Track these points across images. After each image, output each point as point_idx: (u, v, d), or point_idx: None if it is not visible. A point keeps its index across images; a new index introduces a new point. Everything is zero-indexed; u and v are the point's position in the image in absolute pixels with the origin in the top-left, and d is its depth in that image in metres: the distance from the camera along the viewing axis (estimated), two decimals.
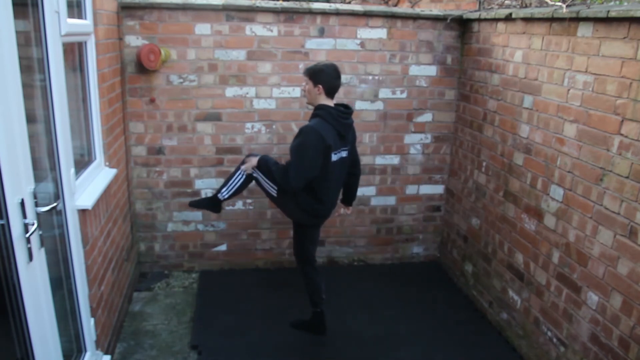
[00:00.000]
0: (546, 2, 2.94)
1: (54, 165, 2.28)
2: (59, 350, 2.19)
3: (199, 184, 3.88)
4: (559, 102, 2.81)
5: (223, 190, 3.09)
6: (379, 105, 3.95)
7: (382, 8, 3.84)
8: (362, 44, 3.78)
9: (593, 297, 2.55)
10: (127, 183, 3.61)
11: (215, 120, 3.76)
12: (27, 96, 1.88)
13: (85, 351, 2.63)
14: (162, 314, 3.47)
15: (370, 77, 3.86)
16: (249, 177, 3.07)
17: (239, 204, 3.98)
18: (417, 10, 3.84)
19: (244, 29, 3.60)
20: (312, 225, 3.18)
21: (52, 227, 2.28)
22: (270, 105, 3.79)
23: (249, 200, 3.98)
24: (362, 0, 5.13)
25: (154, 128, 3.71)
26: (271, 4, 3.60)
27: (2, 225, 1.73)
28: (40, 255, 1.97)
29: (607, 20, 2.42)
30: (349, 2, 4.84)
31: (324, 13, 3.66)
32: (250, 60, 3.68)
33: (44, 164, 2.23)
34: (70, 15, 2.43)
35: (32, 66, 2.12)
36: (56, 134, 2.24)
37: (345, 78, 3.72)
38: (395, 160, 4.11)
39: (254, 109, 3.79)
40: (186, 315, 3.48)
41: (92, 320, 2.64)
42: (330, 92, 2.92)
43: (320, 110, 2.90)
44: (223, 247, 4.08)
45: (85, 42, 2.76)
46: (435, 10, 3.97)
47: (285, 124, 3.85)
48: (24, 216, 1.80)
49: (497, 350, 3.24)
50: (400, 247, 4.36)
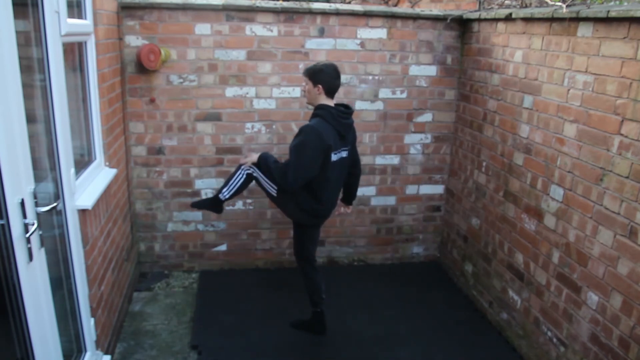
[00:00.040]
0: (546, 2, 2.94)
1: (54, 165, 2.28)
2: (59, 350, 2.19)
3: (199, 184, 3.88)
4: (559, 102, 2.81)
5: (224, 190, 3.10)
6: (379, 105, 3.95)
7: (382, 8, 3.84)
8: (362, 44, 3.78)
9: (593, 297, 2.55)
10: (127, 183, 3.61)
11: (215, 120, 3.76)
12: (27, 96, 1.87)
13: (85, 351, 2.63)
14: (162, 314, 3.47)
15: (370, 77, 3.86)
16: (249, 177, 3.06)
17: (239, 204, 3.98)
18: (417, 10, 3.84)
19: (244, 29, 3.61)
20: (312, 225, 3.18)
21: (52, 227, 2.28)
22: (270, 105, 3.79)
23: (249, 200, 3.98)
24: (362, 0, 5.13)
25: (154, 128, 3.71)
26: (271, 4, 3.60)
27: (2, 225, 1.73)
28: (40, 255, 1.97)
29: (607, 20, 2.42)
30: (349, 2, 4.84)
31: (324, 13, 3.66)
32: (250, 60, 3.68)
33: (44, 164, 2.23)
34: (70, 15, 2.43)
35: (32, 66, 2.12)
36: (56, 134, 2.24)
37: (345, 78, 3.72)
38: (395, 160, 4.11)
39: (254, 109, 3.79)
40: (186, 315, 3.48)
41: (92, 320, 2.64)
42: (330, 92, 2.92)
43: (321, 110, 2.90)
44: (223, 247, 4.08)
45: (85, 42, 2.76)
46: (435, 10, 3.97)
47: (285, 124, 3.85)
48: (24, 216, 1.80)
49: (497, 350, 3.24)
50: (400, 247, 4.36)
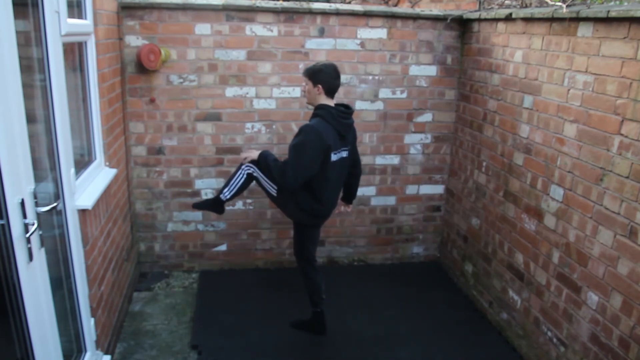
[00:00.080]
0: (546, 2, 2.94)
1: (54, 165, 2.28)
2: (59, 350, 2.19)
3: (199, 184, 3.88)
4: (559, 102, 2.81)
5: (225, 190, 3.09)
6: (379, 105, 3.95)
7: (382, 8, 3.84)
8: (362, 44, 3.78)
9: (593, 297, 2.55)
10: (127, 183, 3.61)
11: (215, 120, 3.76)
12: (27, 96, 1.87)
13: (85, 351, 2.63)
14: (162, 314, 3.47)
15: (370, 77, 3.86)
16: (250, 177, 3.06)
17: (239, 204, 3.98)
18: (417, 10, 3.84)
19: (244, 29, 3.61)
20: (312, 225, 3.18)
21: (52, 227, 2.28)
22: (270, 105, 3.79)
23: (249, 200, 3.98)
24: (362, 0, 5.13)
25: (154, 128, 3.71)
26: (271, 4, 3.60)
27: (2, 225, 1.73)
28: (40, 255, 1.97)
29: (607, 20, 2.42)
30: (349, 2, 4.84)
31: (324, 13, 3.66)
32: (250, 60, 3.68)
33: (44, 164, 2.23)
34: (70, 15, 2.43)
35: (32, 66, 2.12)
36: (56, 134, 2.24)
37: (345, 78, 3.72)
38: (395, 160, 4.11)
39: (254, 109, 3.79)
40: (186, 315, 3.48)
41: (92, 320, 2.64)
42: (330, 92, 2.92)
43: (321, 110, 2.90)
44: (223, 247, 4.08)
45: (85, 42, 2.76)
46: (435, 10, 3.97)
47: (285, 124, 3.85)
48: (24, 216, 1.80)
49: (497, 350, 3.24)
50: (400, 247, 4.36)
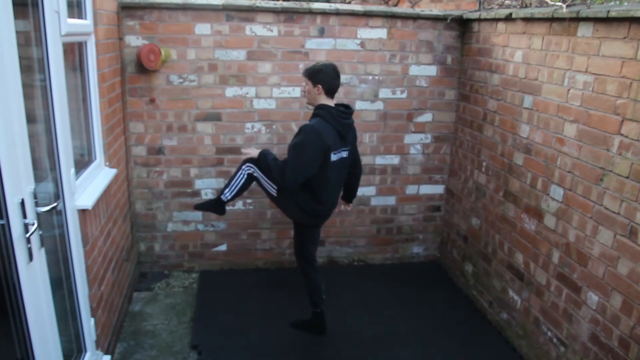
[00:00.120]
0: (546, 2, 2.94)
1: (54, 165, 2.28)
2: (59, 350, 2.19)
3: (199, 184, 3.88)
4: (559, 102, 2.81)
5: (226, 191, 3.09)
6: (379, 105, 3.95)
7: (382, 8, 3.84)
8: (362, 44, 3.77)
9: (593, 297, 2.55)
10: (127, 183, 3.61)
11: (215, 120, 3.76)
12: (27, 96, 1.87)
13: (86, 351, 2.63)
14: (162, 314, 3.47)
15: (370, 77, 3.86)
16: (250, 177, 3.06)
17: (239, 204, 3.98)
18: (417, 10, 3.84)
19: (244, 29, 3.60)
20: (312, 225, 3.18)
21: (52, 227, 2.28)
22: (270, 105, 3.79)
23: (249, 200, 3.98)
24: (362, 0, 5.13)
25: (154, 128, 3.71)
26: (271, 4, 3.60)
27: (2, 225, 1.73)
28: (40, 255, 1.97)
29: (607, 20, 2.42)
30: (349, 2, 4.84)
31: (324, 13, 3.66)
32: (250, 60, 3.68)
33: (44, 164, 2.22)
34: (70, 15, 2.43)
35: (32, 66, 2.12)
36: (56, 134, 2.24)
37: (345, 78, 3.72)
38: (395, 160, 4.11)
39: (254, 109, 3.79)
40: (186, 315, 3.48)
41: (92, 320, 2.64)
42: (330, 92, 2.92)
43: (321, 110, 2.90)
44: (223, 247, 4.08)
45: (85, 42, 2.76)
46: (435, 10, 3.97)
47: (285, 124, 3.85)
48: (24, 216, 1.80)
49: (497, 350, 3.24)
50: (400, 247, 4.36)
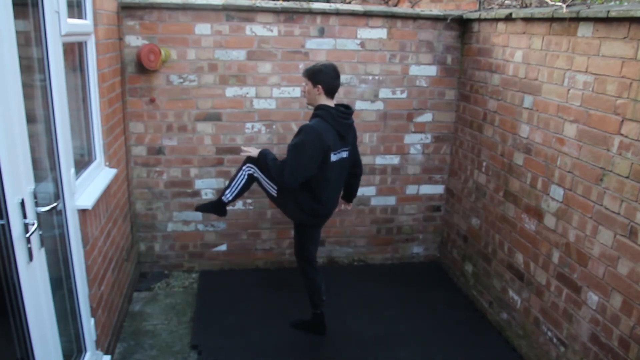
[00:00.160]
0: (546, 2, 2.94)
1: (54, 165, 2.28)
2: (59, 350, 2.19)
3: (199, 184, 3.88)
4: (559, 102, 2.81)
5: (227, 192, 3.09)
6: (379, 105, 3.95)
7: (382, 8, 3.84)
8: (362, 44, 3.77)
9: (593, 297, 2.55)
10: (127, 183, 3.61)
11: (215, 120, 3.76)
12: (27, 96, 1.87)
13: (86, 351, 2.63)
14: (162, 314, 3.47)
15: (370, 77, 3.86)
16: (251, 178, 3.07)
17: (239, 204, 3.97)
18: (417, 10, 3.84)
19: (244, 29, 3.60)
20: (313, 225, 3.18)
21: (52, 227, 2.28)
22: (270, 105, 3.79)
23: (249, 200, 3.98)
24: (362, 0, 5.13)
25: (154, 128, 3.71)
26: (271, 4, 3.60)
27: (2, 225, 1.73)
28: (40, 255, 1.97)
29: (607, 20, 2.42)
30: (349, 2, 4.84)
31: (324, 13, 3.66)
32: (250, 60, 3.68)
33: (44, 164, 2.22)
34: (70, 15, 2.43)
35: (32, 66, 2.12)
36: (56, 134, 2.24)
37: (345, 78, 3.73)
38: (395, 160, 4.11)
39: (254, 109, 3.79)
40: (186, 315, 3.48)
41: (92, 320, 2.64)
42: (330, 92, 2.92)
43: (320, 111, 2.90)
44: (223, 247, 4.08)
45: (85, 42, 2.76)
46: (435, 10, 3.97)
47: (285, 124, 3.85)
48: (24, 216, 1.80)
49: (497, 350, 3.24)
50: (400, 247, 4.36)
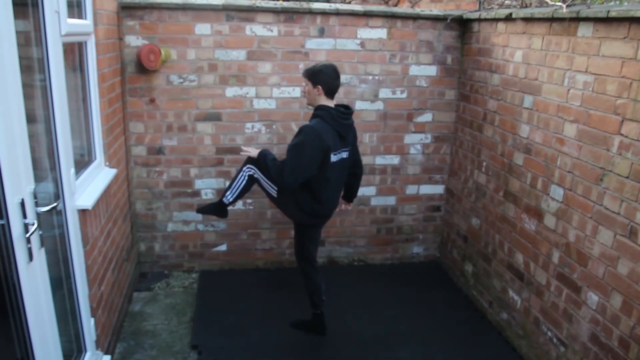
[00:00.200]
0: (546, 2, 2.94)
1: (54, 165, 2.28)
2: (59, 350, 2.19)
3: (199, 184, 3.88)
4: (559, 102, 2.81)
5: (227, 193, 3.09)
6: (379, 105, 3.95)
7: (382, 8, 3.84)
8: (362, 44, 3.77)
9: (593, 297, 2.55)
10: (127, 183, 3.61)
11: (215, 120, 3.76)
12: (27, 96, 1.87)
13: (86, 351, 2.63)
14: (162, 314, 3.47)
15: (370, 77, 3.86)
16: (251, 179, 3.07)
17: (239, 204, 3.97)
18: (417, 10, 3.84)
19: (244, 29, 3.61)
20: (313, 225, 3.18)
21: (52, 227, 2.28)
22: (270, 105, 3.79)
23: (249, 200, 3.98)
24: (362, 0, 5.13)
25: (154, 128, 3.71)
26: (271, 4, 3.60)
27: (2, 225, 1.73)
28: (40, 255, 1.97)
29: (607, 20, 2.42)
30: (349, 2, 4.84)
31: (324, 13, 3.66)
32: (250, 60, 3.68)
33: (44, 164, 2.23)
34: (70, 15, 2.43)
35: (32, 66, 2.12)
36: (56, 134, 2.24)
37: (345, 78, 3.73)
38: (395, 160, 4.11)
39: (254, 109, 3.79)
40: (186, 315, 3.48)
41: (92, 320, 2.64)
42: (330, 93, 2.92)
43: (320, 111, 2.90)
44: (223, 247, 4.08)
45: (85, 42, 2.76)
46: (435, 10, 3.97)
47: (285, 124, 3.85)
48: (24, 216, 1.80)
49: (497, 350, 3.24)
50: (400, 247, 4.36)
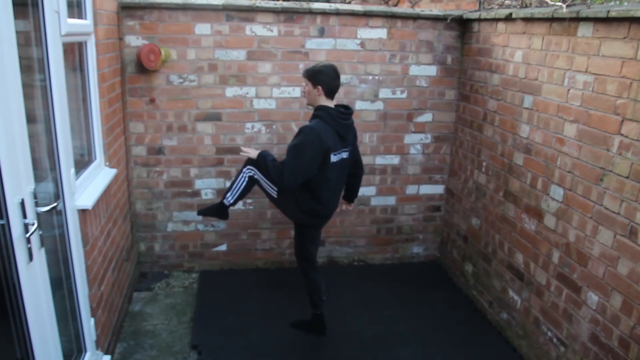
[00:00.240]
0: (546, 2, 2.94)
1: (54, 165, 2.28)
2: (59, 350, 2.19)
3: (199, 184, 3.88)
4: (559, 102, 2.81)
5: (228, 195, 3.09)
6: (379, 105, 3.95)
7: (382, 8, 3.84)
8: (362, 44, 3.77)
9: (593, 297, 2.55)
10: (127, 183, 3.60)
11: (215, 120, 3.76)
12: (27, 96, 1.87)
13: (86, 351, 2.63)
14: (162, 314, 3.47)
15: (370, 77, 3.86)
16: (251, 180, 3.07)
17: (239, 204, 3.95)
18: (417, 10, 3.84)
19: (244, 29, 3.61)
20: (313, 225, 3.17)
21: (52, 227, 2.28)
22: (270, 105, 3.79)
23: (249, 200, 3.98)
24: (362, 0, 5.13)
25: (154, 128, 3.71)
26: (271, 4, 3.60)
27: (2, 225, 1.73)
28: (40, 255, 1.97)
29: (607, 20, 2.42)
30: (349, 2, 4.84)
31: (324, 13, 3.66)
32: (250, 60, 3.68)
33: (44, 164, 2.23)
34: (70, 15, 2.43)
35: (32, 66, 2.12)
36: (56, 134, 2.24)
37: (345, 78, 3.73)
38: (395, 160, 4.11)
39: (254, 109, 3.79)
40: (186, 315, 3.48)
41: (92, 320, 2.64)
42: (330, 93, 2.92)
43: (320, 111, 2.90)
44: (223, 247, 4.08)
45: (86, 42, 2.76)
46: (435, 10, 3.97)
47: (285, 124, 3.85)
48: (24, 216, 1.80)
49: (497, 350, 3.24)
50: (400, 247, 4.36)
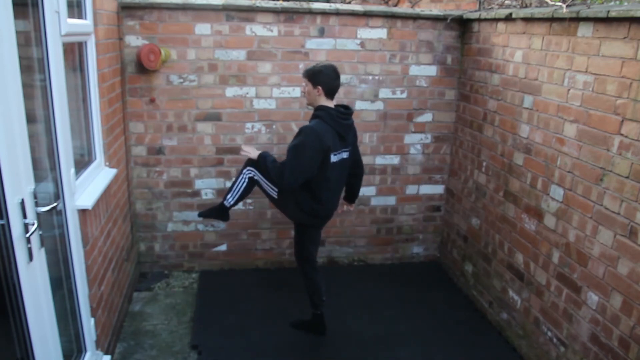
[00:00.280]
0: (546, 2, 2.94)
1: (54, 165, 2.28)
2: (59, 350, 2.19)
3: (199, 184, 3.88)
4: (559, 102, 2.81)
5: (228, 196, 3.09)
6: (379, 105, 3.95)
7: (382, 8, 3.84)
8: (362, 44, 3.77)
9: (593, 297, 2.55)
10: (127, 183, 3.61)
11: (215, 120, 3.76)
12: (27, 96, 1.87)
13: (86, 351, 2.63)
14: (162, 314, 3.47)
15: (370, 77, 3.86)
16: (252, 181, 3.07)
17: (239, 204, 3.96)
18: (417, 10, 3.84)
19: (244, 29, 3.61)
20: (313, 225, 3.18)
21: (52, 227, 2.28)
22: (270, 105, 3.79)
23: (249, 201, 3.97)
24: (362, 0, 5.13)
25: (154, 128, 3.71)
26: (271, 4, 3.60)
27: (2, 225, 1.73)
28: (40, 255, 1.97)
29: (607, 20, 2.42)
30: (349, 2, 4.84)
31: (324, 13, 3.66)
32: (250, 60, 3.68)
33: (44, 164, 2.23)
34: (70, 15, 2.43)
35: (32, 66, 2.12)
36: (56, 134, 2.24)
37: (345, 78, 3.73)
38: (395, 160, 4.11)
39: (254, 109, 3.79)
40: (186, 315, 3.48)
41: (92, 320, 2.64)
42: (330, 93, 2.92)
43: (320, 112, 2.90)
44: (223, 247, 4.08)
45: (85, 42, 2.76)
46: (435, 10, 3.97)
47: (285, 124, 3.85)
48: (24, 216, 1.80)
49: (497, 350, 3.24)
50: (400, 247, 4.36)
